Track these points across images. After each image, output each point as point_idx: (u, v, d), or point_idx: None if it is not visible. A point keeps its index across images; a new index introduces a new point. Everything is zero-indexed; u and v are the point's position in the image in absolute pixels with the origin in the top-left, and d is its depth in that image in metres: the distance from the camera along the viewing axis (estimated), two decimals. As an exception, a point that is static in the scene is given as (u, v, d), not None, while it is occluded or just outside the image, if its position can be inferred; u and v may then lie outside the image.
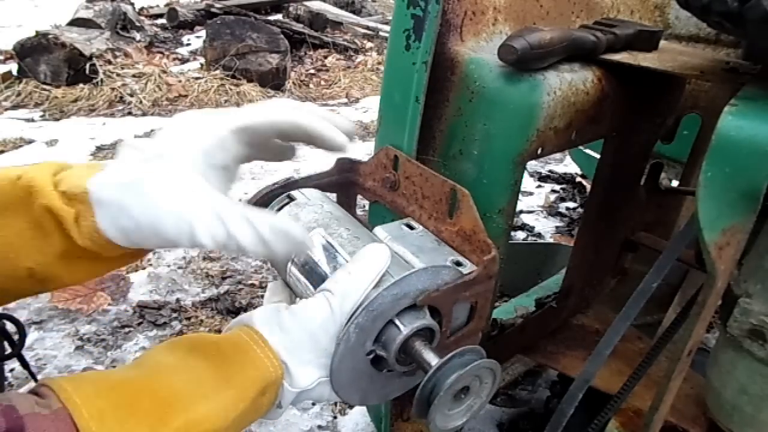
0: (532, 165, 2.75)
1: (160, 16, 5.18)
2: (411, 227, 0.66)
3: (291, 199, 0.68)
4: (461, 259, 0.61)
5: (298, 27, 4.66)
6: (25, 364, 0.81)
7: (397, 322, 0.54)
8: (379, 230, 0.64)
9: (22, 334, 0.77)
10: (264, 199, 0.69)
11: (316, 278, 0.59)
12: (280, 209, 0.67)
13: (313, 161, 2.73)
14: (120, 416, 0.42)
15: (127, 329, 1.58)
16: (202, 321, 1.61)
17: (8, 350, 0.77)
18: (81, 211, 0.46)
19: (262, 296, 1.70)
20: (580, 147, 1.39)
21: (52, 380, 0.43)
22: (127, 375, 0.47)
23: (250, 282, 1.77)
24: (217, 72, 3.78)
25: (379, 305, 0.52)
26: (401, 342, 0.53)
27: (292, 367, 0.52)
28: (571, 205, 2.42)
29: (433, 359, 0.52)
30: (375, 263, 0.54)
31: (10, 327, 0.76)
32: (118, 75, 3.58)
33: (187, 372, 0.48)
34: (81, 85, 3.44)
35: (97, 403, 0.42)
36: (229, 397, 0.48)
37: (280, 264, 0.65)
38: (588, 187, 1.77)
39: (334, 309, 0.52)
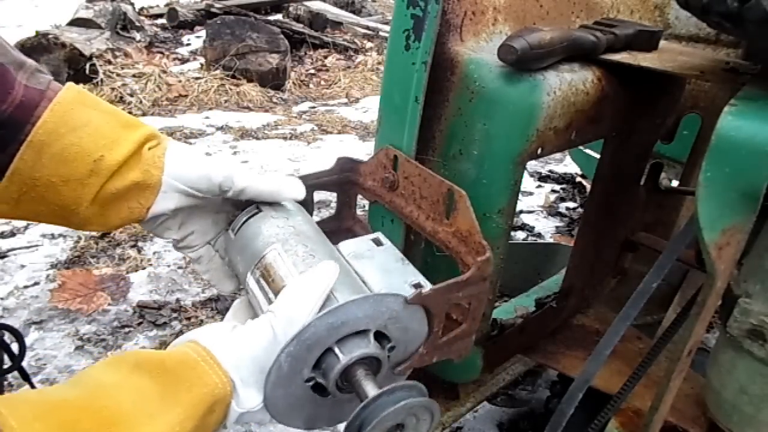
0: (532, 165, 2.75)
1: (160, 16, 5.19)
2: (379, 243, 0.65)
3: (259, 210, 0.66)
4: (422, 280, 0.61)
5: (298, 27, 4.66)
6: (25, 376, 0.80)
7: (337, 350, 0.51)
8: (343, 246, 0.63)
9: (22, 347, 0.76)
10: None
11: (268, 296, 0.58)
12: (246, 220, 0.65)
13: (312, 161, 2.73)
14: None
15: (127, 329, 1.58)
16: (202, 321, 1.61)
17: (7, 363, 0.76)
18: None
19: (262, 296, 1.70)
20: (580, 147, 1.39)
21: None
22: (68, 395, 0.44)
23: (250, 282, 1.78)
24: (217, 72, 3.78)
25: (312, 334, 0.50)
26: (340, 371, 0.51)
27: (239, 387, 0.50)
28: (571, 205, 2.42)
29: (371, 391, 0.50)
30: (319, 285, 0.53)
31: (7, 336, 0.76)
32: (118, 75, 3.58)
33: (131, 390, 0.46)
34: (81, 85, 3.43)
35: (36, 427, 0.40)
36: (176, 416, 0.46)
37: (241, 275, 0.64)
38: (588, 187, 1.77)
39: (278, 333, 0.51)
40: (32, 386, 0.83)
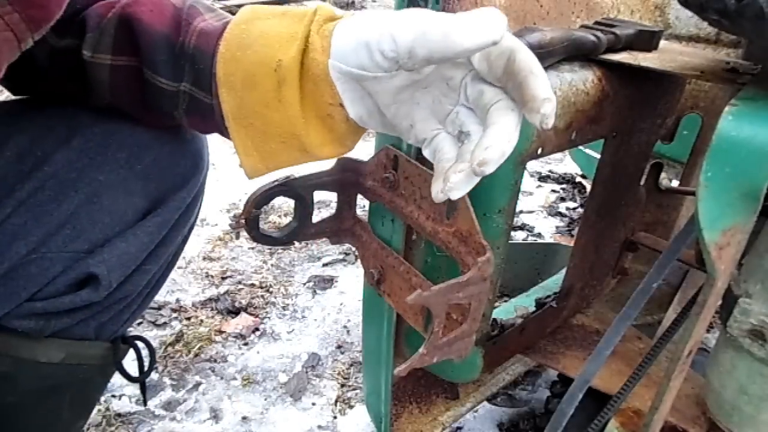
0: (532, 165, 2.75)
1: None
2: None
3: None
4: None
5: (298, 27, 4.65)
6: (143, 389, 0.80)
7: None
8: None
9: (153, 359, 0.76)
10: (263, 197, 0.69)
11: None
12: None
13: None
14: None
15: (127, 329, 1.58)
16: (202, 321, 1.61)
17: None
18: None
19: (262, 296, 1.70)
20: (580, 147, 1.39)
21: None
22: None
23: (250, 282, 1.77)
24: (217, 72, 3.77)
25: None
26: None
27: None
28: (571, 205, 2.42)
29: None
30: None
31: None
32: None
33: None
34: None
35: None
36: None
37: None
38: (588, 187, 1.77)
39: None
40: (145, 401, 0.83)
